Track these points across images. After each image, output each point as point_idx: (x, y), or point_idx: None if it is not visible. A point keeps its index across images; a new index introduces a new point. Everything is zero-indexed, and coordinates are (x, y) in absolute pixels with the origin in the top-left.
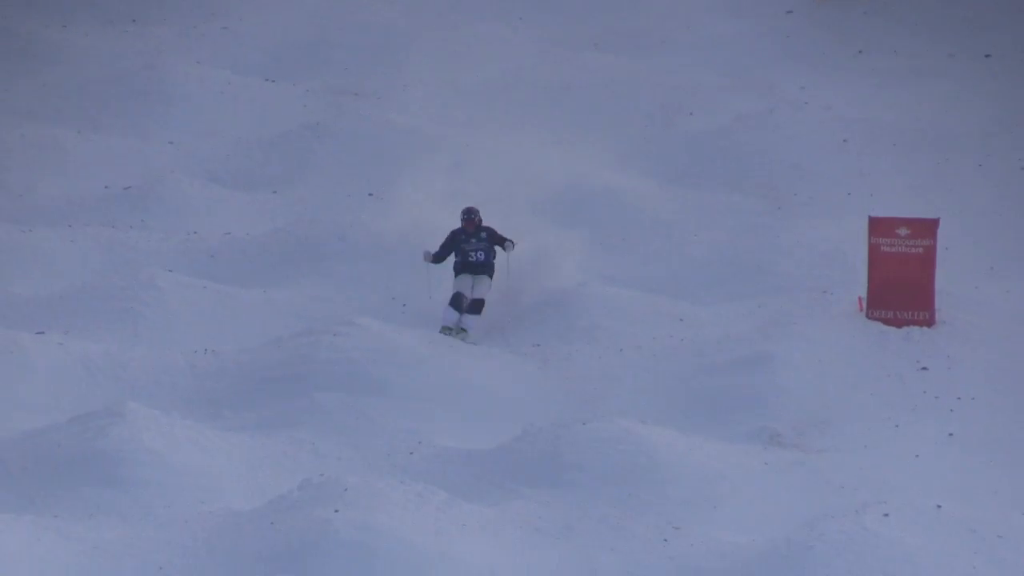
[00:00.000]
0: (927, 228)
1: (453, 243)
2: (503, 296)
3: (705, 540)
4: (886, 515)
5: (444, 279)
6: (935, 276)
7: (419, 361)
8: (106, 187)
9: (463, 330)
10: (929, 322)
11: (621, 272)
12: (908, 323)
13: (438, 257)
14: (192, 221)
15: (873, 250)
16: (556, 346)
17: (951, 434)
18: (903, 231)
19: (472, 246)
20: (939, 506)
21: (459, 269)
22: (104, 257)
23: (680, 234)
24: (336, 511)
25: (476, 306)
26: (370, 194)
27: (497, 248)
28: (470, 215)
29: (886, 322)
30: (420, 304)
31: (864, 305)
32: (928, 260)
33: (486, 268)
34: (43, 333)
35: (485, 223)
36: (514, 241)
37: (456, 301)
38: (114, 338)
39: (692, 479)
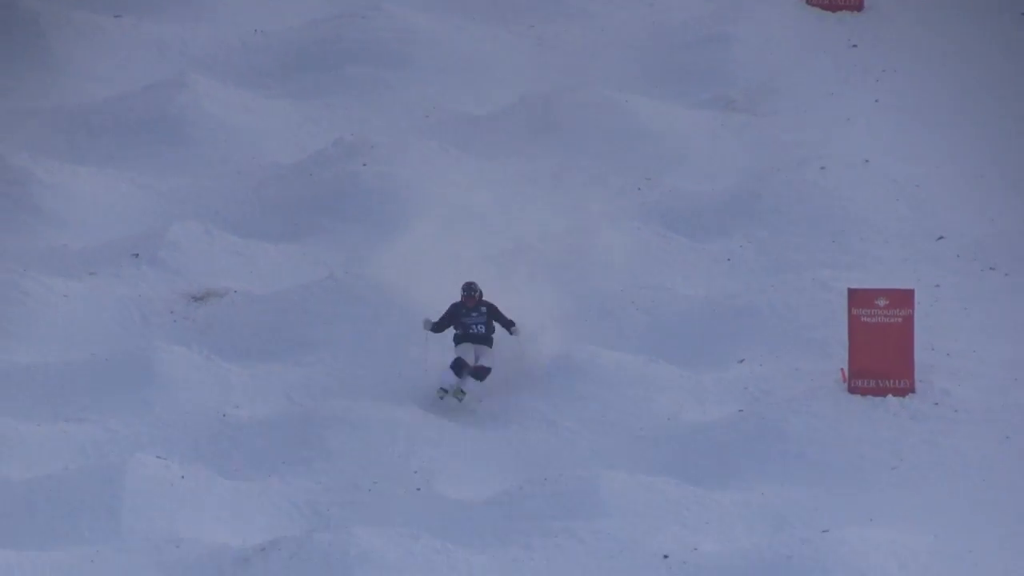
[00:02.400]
0: None
1: (453, 316)
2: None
3: (672, 189)
4: (822, 168)
5: (443, 348)
6: None
7: (435, 40)
8: None
9: (461, 392)
10: (859, 7)
11: None
12: (841, 8)
13: (437, 327)
14: None
15: None
16: (548, 27)
17: (877, 100)
18: None
19: (472, 320)
20: (867, 161)
21: (460, 340)
22: None
23: None
24: (364, 164)
25: (481, 373)
26: None
27: (500, 329)
28: (471, 291)
29: (823, 7)
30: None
31: None
32: None
33: (487, 340)
34: (120, 17)
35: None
36: (515, 323)
37: (457, 365)
38: (179, 21)
39: (661, 138)
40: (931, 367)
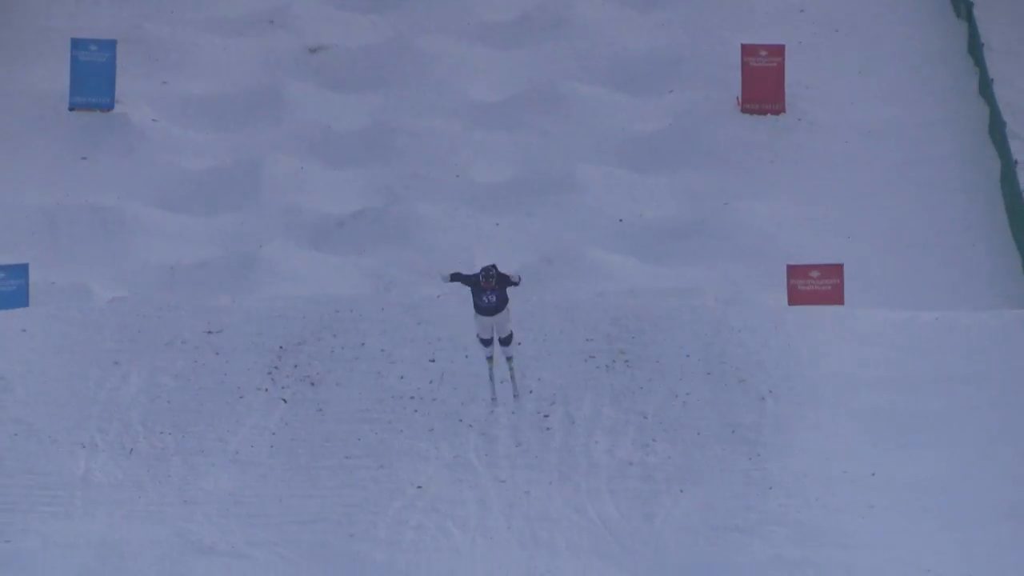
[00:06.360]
0: None
1: (472, 286)
2: None
3: None
4: None
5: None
6: None
7: None
8: None
9: (509, 358)
10: None
11: None
12: None
13: (451, 279)
14: None
15: None
16: None
17: None
18: None
19: (487, 294)
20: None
21: (476, 310)
22: None
23: None
24: None
25: (507, 341)
26: None
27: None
28: (488, 277)
29: None
30: None
31: None
32: None
33: (500, 305)
34: None
35: None
36: (520, 277)
37: (484, 343)
38: None
39: None
40: (796, 95)
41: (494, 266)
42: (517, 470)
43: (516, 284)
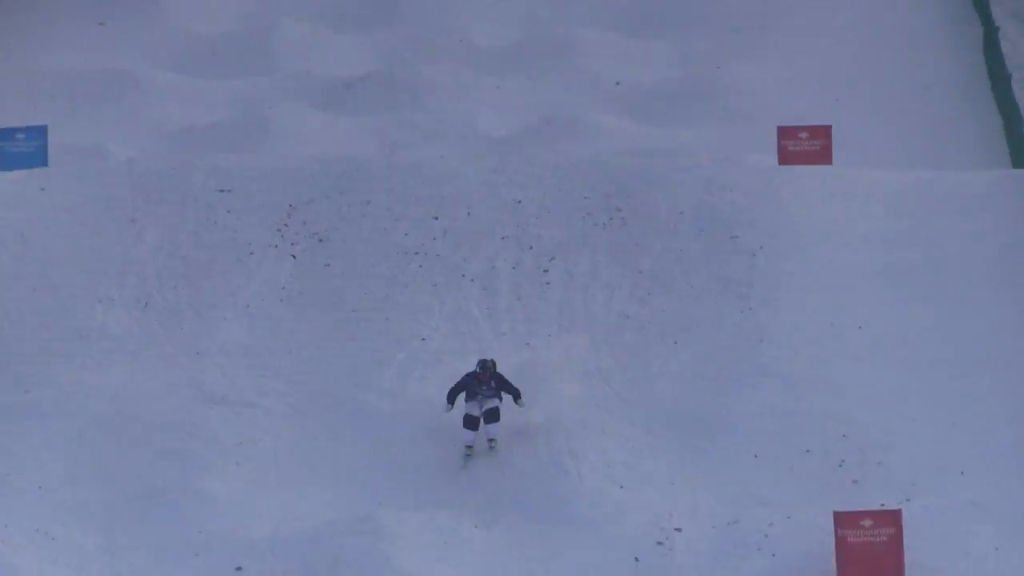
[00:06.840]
0: None
1: (467, 386)
2: None
3: None
4: None
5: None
6: None
7: None
8: None
9: (492, 440)
10: None
11: None
12: None
13: (452, 398)
14: None
15: None
16: None
17: None
18: None
19: (483, 392)
20: None
21: (466, 398)
22: None
23: None
24: None
25: (493, 415)
26: None
27: (507, 398)
28: (484, 367)
29: None
30: None
31: None
32: None
33: (493, 395)
34: None
35: None
36: (521, 393)
37: (469, 423)
38: None
39: None
40: None
41: (493, 361)
42: (517, 323)
43: (516, 402)
